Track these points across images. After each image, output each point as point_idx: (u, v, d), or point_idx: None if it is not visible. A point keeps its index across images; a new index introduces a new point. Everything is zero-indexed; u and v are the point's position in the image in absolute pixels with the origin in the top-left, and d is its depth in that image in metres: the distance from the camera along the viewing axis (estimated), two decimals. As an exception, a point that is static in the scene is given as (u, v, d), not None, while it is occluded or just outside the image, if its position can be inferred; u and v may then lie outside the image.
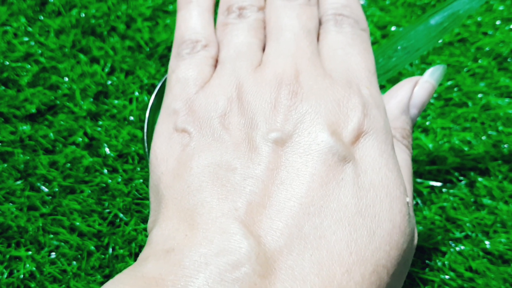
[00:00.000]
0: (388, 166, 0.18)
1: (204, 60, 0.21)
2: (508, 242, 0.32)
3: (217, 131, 0.18)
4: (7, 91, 0.36)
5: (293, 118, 0.18)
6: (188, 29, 0.22)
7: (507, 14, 0.41)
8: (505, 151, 0.35)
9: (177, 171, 0.18)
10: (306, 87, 0.19)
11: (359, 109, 0.18)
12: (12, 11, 0.39)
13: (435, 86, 0.23)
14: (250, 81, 0.19)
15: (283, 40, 0.20)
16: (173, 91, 0.21)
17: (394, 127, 0.21)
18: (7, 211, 0.32)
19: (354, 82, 0.19)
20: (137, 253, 0.32)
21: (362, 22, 0.22)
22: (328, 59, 0.20)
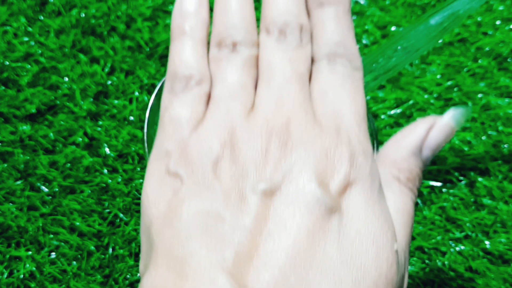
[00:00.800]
0: (375, 213, 0.18)
1: (198, 98, 0.21)
2: (508, 242, 0.32)
3: (208, 178, 0.18)
4: (7, 91, 0.36)
5: (282, 169, 0.18)
6: (181, 62, 0.22)
7: (507, 14, 0.41)
8: (505, 151, 0.35)
9: (167, 217, 0.18)
10: (295, 137, 0.19)
11: (346, 159, 0.19)
12: (12, 11, 0.39)
13: (454, 128, 0.22)
14: (242, 127, 0.19)
15: (274, 84, 0.21)
16: (166, 130, 0.21)
17: (399, 169, 0.21)
18: (7, 211, 0.32)
19: (342, 129, 0.20)
20: (137, 253, 0.32)
21: (355, 60, 0.22)
22: (319, 103, 0.20)
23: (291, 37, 0.22)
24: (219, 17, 0.23)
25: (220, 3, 0.23)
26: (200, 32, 0.23)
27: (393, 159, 0.21)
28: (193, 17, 0.23)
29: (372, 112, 0.37)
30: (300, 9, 0.22)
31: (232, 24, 0.22)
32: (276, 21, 0.22)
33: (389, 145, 0.22)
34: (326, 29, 0.22)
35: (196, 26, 0.23)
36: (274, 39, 0.22)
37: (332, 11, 0.22)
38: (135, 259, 0.32)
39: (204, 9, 0.23)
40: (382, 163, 0.21)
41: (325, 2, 0.22)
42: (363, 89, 0.21)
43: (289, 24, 0.22)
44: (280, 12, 0.22)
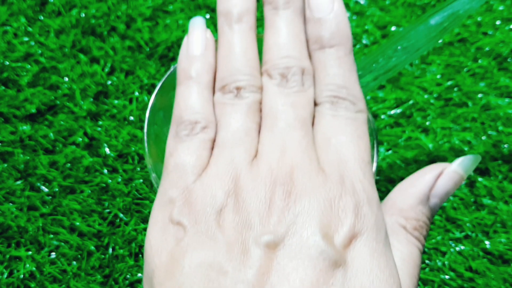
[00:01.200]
0: (380, 267, 0.18)
1: (203, 144, 0.21)
2: (508, 242, 0.32)
3: (211, 228, 0.18)
4: (7, 91, 0.36)
5: (286, 220, 0.18)
6: (187, 108, 0.22)
7: (507, 14, 0.41)
8: (505, 151, 0.35)
9: (169, 267, 0.18)
10: (299, 186, 0.19)
11: (351, 210, 0.18)
12: (12, 11, 0.39)
13: (463, 176, 0.22)
14: (246, 175, 0.19)
15: (277, 131, 0.20)
16: (170, 177, 0.21)
17: (406, 217, 0.21)
18: (7, 211, 0.32)
19: (347, 177, 0.19)
20: (137, 253, 0.32)
21: (359, 103, 0.21)
22: (322, 149, 0.20)
23: (293, 81, 0.22)
24: (223, 61, 0.23)
25: (224, 46, 0.23)
26: (206, 76, 0.23)
27: (400, 207, 0.21)
28: (199, 61, 0.23)
29: (372, 112, 0.37)
30: (302, 52, 0.22)
31: (236, 68, 0.22)
32: (278, 65, 0.22)
33: (396, 192, 0.22)
34: (328, 72, 0.22)
35: (202, 71, 0.23)
36: (276, 83, 0.22)
37: (333, 53, 0.22)
38: (135, 259, 0.32)
39: (210, 52, 0.23)
40: (389, 211, 0.21)
41: (326, 45, 0.22)
42: (367, 133, 0.21)
43: (291, 68, 0.22)
44: (281, 56, 0.22)
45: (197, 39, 0.24)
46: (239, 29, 0.23)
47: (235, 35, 0.23)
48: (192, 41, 0.24)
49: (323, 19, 0.22)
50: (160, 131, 0.29)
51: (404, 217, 0.21)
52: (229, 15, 0.23)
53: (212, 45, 0.24)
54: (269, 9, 0.23)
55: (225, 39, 0.23)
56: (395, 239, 0.20)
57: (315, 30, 0.22)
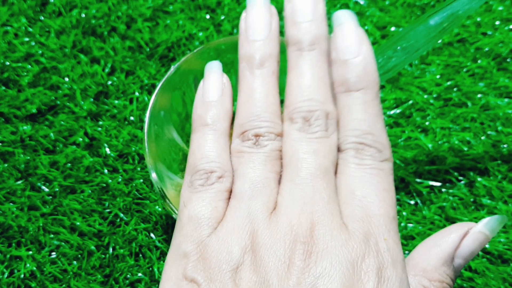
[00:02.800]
0: None
1: (219, 195, 0.20)
2: (508, 242, 0.32)
3: (227, 287, 0.17)
4: (7, 91, 0.36)
5: (306, 282, 0.17)
6: (202, 156, 0.21)
7: (506, 15, 0.41)
8: (504, 151, 0.35)
9: None
10: (321, 245, 0.18)
11: (374, 273, 0.17)
12: (12, 11, 0.39)
13: (489, 237, 0.21)
14: (265, 231, 0.18)
15: (299, 181, 0.19)
16: (184, 230, 0.20)
17: (430, 278, 0.20)
18: (8, 211, 0.32)
19: (371, 234, 0.18)
20: (137, 252, 0.32)
21: (385, 151, 0.20)
22: (346, 202, 0.19)
23: (316, 125, 0.20)
24: (243, 107, 0.22)
25: (245, 91, 0.22)
26: (222, 123, 0.22)
27: (424, 267, 0.20)
28: (215, 107, 0.22)
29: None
30: (326, 96, 0.21)
31: (256, 115, 0.21)
32: (300, 108, 0.21)
33: (418, 251, 0.21)
34: (354, 117, 0.21)
35: (219, 117, 0.22)
36: (298, 128, 0.20)
37: (360, 97, 0.21)
38: (136, 258, 0.32)
39: (227, 98, 0.23)
40: (412, 271, 0.20)
41: (352, 88, 0.21)
42: (393, 184, 0.20)
43: (314, 112, 0.20)
44: (304, 99, 0.21)
45: (213, 84, 0.23)
46: (260, 74, 0.22)
47: (256, 80, 0.22)
48: (208, 86, 0.23)
49: (350, 62, 0.21)
50: (160, 131, 0.29)
51: (428, 278, 0.20)
52: (251, 59, 0.22)
53: (229, 90, 0.23)
54: (293, 50, 0.22)
55: (245, 85, 0.22)
56: None
57: (341, 73, 0.21)
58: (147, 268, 0.32)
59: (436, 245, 0.21)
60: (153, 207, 0.33)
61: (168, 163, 0.29)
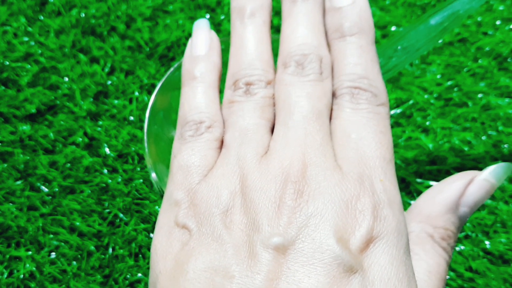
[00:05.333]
0: (398, 276, 0.16)
1: (208, 144, 0.20)
2: (508, 242, 0.32)
3: (217, 229, 0.17)
4: (7, 91, 0.36)
5: (297, 222, 0.17)
6: (191, 108, 0.21)
7: (507, 14, 0.41)
8: (505, 151, 0.35)
9: (173, 272, 0.17)
10: (313, 185, 0.17)
11: (369, 212, 0.17)
12: (12, 11, 0.39)
13: (495, 185, 0.20)
14: (254, 174, 0.18)
15: (291, 124, 0.19)
16: (174, 179, 0.20)
17: (434, 225, 0.20)
18: (7, 211, 0.32)
19: (366, 175, 0.18)
20: (137, 253, 0.32)
21: (381, 94, 0.20)
22: (340, 145, 0.19)
23: (309, 68, 0.20)
24: (234, 57, 0.22)
25: (235, 42, 0.22)
26: (210, 76, 0.22)
27: (427, 214, 0.20)
28: (203, 61, 0.22)
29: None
30: (320, 41, 0.21)
31: (247, 63, 0.21)
32: (293, 53, 0.20)
33: (422, 199, 0.20)
34: (349, 62, 0.20)
35: (206, 70, 0.22)
36: (291, 72, 0.20)
37: (354, 41, 0.20)
38: (135, 259, 0.32)
39: (215, 52, 0.23)
40: (415, 218, 0.20)
41: (347, 33, 0.21)
42: (389, 128, 0.19)
43: (308, 55, 0.20)
44: (298, 44, 0.21)
45: (201, 40, 0.23)
46: (251, 23, 0.22)
47: (246, 29, 0.22)
48: (196, 42, 0.23)
49: (344, 9, 0.21)
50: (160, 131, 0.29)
51: (432, 225, 0.20)
52: (241, 10, 0.22)
53: (217, 45, 0.23)
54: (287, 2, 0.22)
55: (236, 35, 0.22)
56: (421, 249, 0.19)
57: (336, 20, 0.21)
58: (147, 268, 0.31)
59: (441, 192, 0.20)
60: (153, 207, 0.33)
61: (168, 163, 0.29)
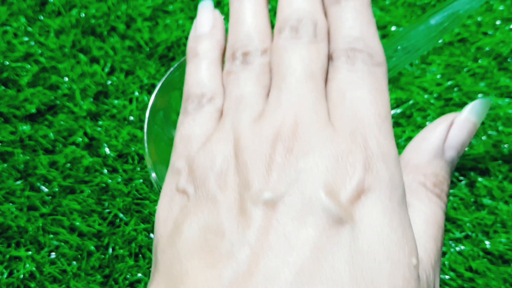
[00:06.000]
0: (392, 226, 0.16)
1: (209, 115, 0.20)
2: (508, 242, 0.32)
3: (211, 191, 0.18)
4: (7, 91, 0.36)
5: (286, 177, 0.17)
6: (194, 83, 0.22)
7: (507, 14, 0.41)
8: (505, 151, 0.35)
9: (171, 235, 0.18)
10: (303, 142, 0.17)
11: (360, 164, 0.17)
12: (12, 11, 0.39)
13: (476, 123, 0.20)
14: (247, 136, 0.18)
15: (284, 87, 0.19)
16: (176, 149, 0.20)
17: (425, 174, 0.19)
18: (7, 211, 0.32)
19: (359, 132, 0.18)
20: (137, 253, 0.32)
21: (377, 55, 0.20)
22: (335, 104, 0.19)
23: (303, 31, 0.20)
24: (232, 31, 0.22)
25: (233, 16, 0.22)
26: (213, 52, 0.22)
27: (416, 164, 0.20)
28: (206, 38, 0.23)
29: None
30: (315, 7, 0.21)
31: (244, 34, 0.22)
32: (288, 17, 0.21)
33: (408, 150, 0.20)
34: (344, 25, 0.20)
35: (210, 47, 0.22)
36: (285, 37, 0.20)
37: (350, 5, 0.20)
38: (135, 259, 0.32)
39: (218, 30, 0.23)
40: (405, 169, 0.20)
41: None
42: (386, 87, 0.19)
43: (302, 20, 0.20)
44: (293, 10, 0.21)
45: (204, 19, 0.23)
46: None
47: (243, 4, 0.22)
48: (200, 20, 0.23)
49: None
50: (160, 131, 0.29)
51: (423, 174, 0.19)
52: None
53: (220, 23, 0.23)
54: None
55: (234, 9, 0.23)
56: (416, 199, 0.19)
57: None
58: (147, 268, 0.31)
59: (424, 139, 0.20)
60: (153, 207, 0.33)
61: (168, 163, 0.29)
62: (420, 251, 0.18)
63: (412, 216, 0.19)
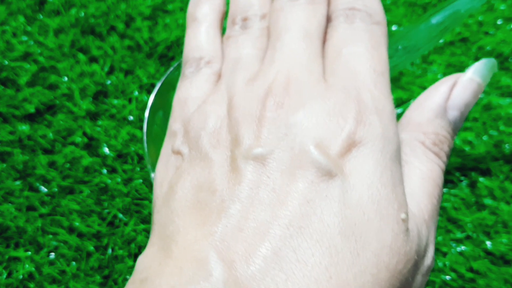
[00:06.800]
0: (382, 180, 0.16)
1: (206, 77, 0.20)
2: (510, 243, 0.32)
3: (204, 150, 0.18)
4: (6, 91, 0.36)
5: (276, 132, 0.17)
6: (192, 47, 0.22)
7: (508, 14, 0.40)
8: (507, 151, 0.35)
9: (166, 195, 0.18)
10: (294, 97, 0.17)
11: (351, 117, 0.17)
12: (11, 10, 0.39)
13: (481, 84, 0.20)
14: (240, 95, 0.18)
15: (279, 45, 0.19)
16: (173, 113, 0.20)
17: (425, 132, 0.19)
18: (6, 212, 0.32)
19: (352, 86, 0.18)
20: (137, 253, 0.32)
21: (376, 14, 0.20)
22: (331, 61, 0.19)
23: None
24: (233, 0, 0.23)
25: None
26: (211, 16, 0.22)
27: (417, 122, 0.19)
28: (206, 3, 0.23)
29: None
30: None
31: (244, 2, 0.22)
32: None
33: (411, 108, 0.20)
34: None
35: (208, 11, 0.23)
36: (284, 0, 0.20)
37: None
38: (135, 259, 0.32)
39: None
40: (405, 127, 0.20)
41: None
42: (384, 45, 0.19)
43: None
44: None
45: None
46: None
47: None
48: None
49: None
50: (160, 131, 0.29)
51: (423, 132, 0.19)
52: None
53: None
54: None
55: None
56: (413, 156, 0.19)
57: None
58: (147, 269, 0.31)
59: (427, 99, 0.20)
60: (153, 208, 0.33)
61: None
62: (412, 206, 0.17)
63: (408, 173, 0.18)
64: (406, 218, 0.16)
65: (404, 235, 0.16)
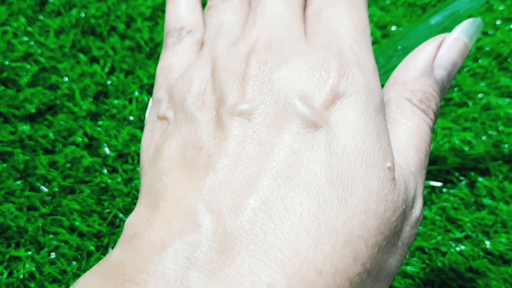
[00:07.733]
0: (367, 130, 0.17)
1: (188, 46, 0.21)
2: (509, 242, 0.32)
3: (189, 112, 0.18)
4: (6, 91, 0.36)
5: (260, 88, 0.17)
6: (172, 18, 0.22)
7: (507, 14, 0.40)
8: (506, 151, 0.35)
9: (153, 158, 0.18)
10: (277, 54, 0.18)
11: (334, 70, 0.17)
12: (11, 11, 0.39)
13: (467, 43, 0.20)
14: (223, 57, 0.19)
15: (260, 9, 0.20)
16: (157, 81, 0.21)
17: (412, 90, 0.19)
18: (7, 211, 0.32)
19: (334, 43, 0.18)
20: (137, 253, 0.32)
21: None
22: (311, 23, 0.19)
23: None
24: None
25: None
26: None
27: (404, 81, 0.20)
28: None
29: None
30: None
31: None
32: None
33: (398, 69, 0.20)
34: None
35: None
36: None
37: None
38: (135, 259, 0.32)
39: None
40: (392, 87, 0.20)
41: None
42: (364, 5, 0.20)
43: None
44: None
45: None
46: None
47: None
48: None
49: None
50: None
51: (410, 90, 0.19)
52: None
53: None
54: None
55: None
56: (400, 113, 0.19)
57: None
58: (147, 268, 0.31)
59: (413, 58, 0.20)
60: (153, 208, 0.33)
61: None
62: (399, 159, 0.18)
63: (395, 130, 0.19)
64: (391, 166, 0.17)
65: (390, 183, 0.16)
